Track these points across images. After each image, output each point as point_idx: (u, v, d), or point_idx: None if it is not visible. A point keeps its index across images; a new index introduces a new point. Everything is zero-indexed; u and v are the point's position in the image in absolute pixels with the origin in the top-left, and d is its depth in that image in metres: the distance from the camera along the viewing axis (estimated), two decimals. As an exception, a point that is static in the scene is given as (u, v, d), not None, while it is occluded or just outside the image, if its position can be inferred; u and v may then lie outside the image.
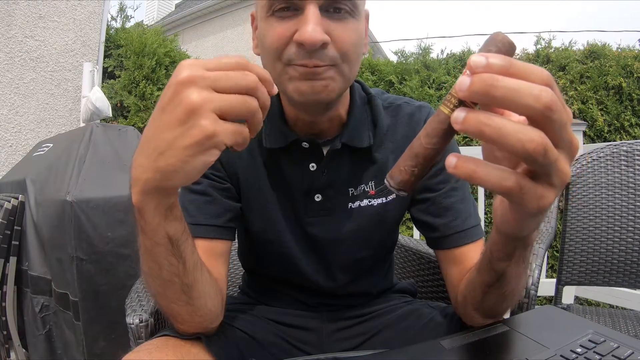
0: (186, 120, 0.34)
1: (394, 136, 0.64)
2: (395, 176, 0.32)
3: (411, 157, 0.31)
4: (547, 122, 0.26)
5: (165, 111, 0.35)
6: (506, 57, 0.26)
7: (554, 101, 0.26)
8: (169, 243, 0.43)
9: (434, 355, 0.42)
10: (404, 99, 0.67)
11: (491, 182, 0.27)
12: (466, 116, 0.26)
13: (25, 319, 1.41)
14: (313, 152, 0.61)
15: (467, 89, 0.26)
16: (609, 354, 0.38)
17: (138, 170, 0.38)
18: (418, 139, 0.31)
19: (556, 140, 0.27)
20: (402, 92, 2.91)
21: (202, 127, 0.34)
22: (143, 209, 0.40)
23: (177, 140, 0.34)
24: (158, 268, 0.45)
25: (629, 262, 1.01)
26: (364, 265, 0.68)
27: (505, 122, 0.26)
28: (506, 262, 0.43)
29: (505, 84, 0.25)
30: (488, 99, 0.26)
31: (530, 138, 0.25)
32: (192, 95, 0.34)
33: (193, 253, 0.47)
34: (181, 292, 0.47)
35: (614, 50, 2.91)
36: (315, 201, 0.62)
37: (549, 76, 0.27)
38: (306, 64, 0.49)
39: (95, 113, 1.98)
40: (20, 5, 2.23)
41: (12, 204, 1.34)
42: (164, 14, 9.15)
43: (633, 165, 1.04)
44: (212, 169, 0.61)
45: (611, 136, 2.72)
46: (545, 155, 0.26)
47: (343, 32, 0.50)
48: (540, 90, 0.25)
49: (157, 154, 0.36)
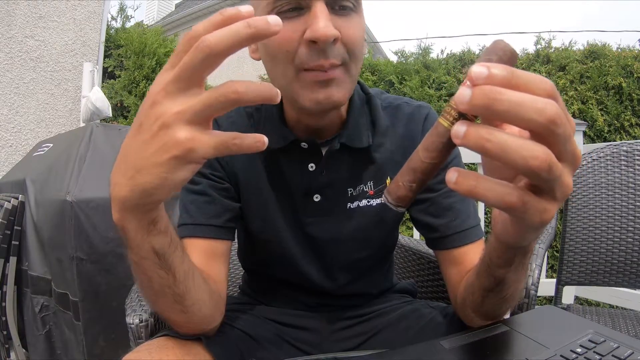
0: (162, 135, 0.31)
1: (394, 136, 0.64)
2: (393, 192, 0.31)
3: (409, 172, 0.30)
4: (551, 136, 0.25)
5: (141, 126, 0.33)
6: (508, 67, 0.25)
7: (558, 115, 0.25)
8: (156, 257, 0.42)
9: (434, 355, 0.42)
10: (403, 99, 0.67)
11: (493, 198, 0.27)
12: (467, 131, 0.25)
13: (25, 319, 1.41)
14: (312, 152, 0.61)
15: (469, 102, 0.25)
16: (609, 354, 0.38)
17: (116, 189, 0.36)
18: (416, 153, 0.30)
19: (560, 153, 0.26)
20: (402, 92, 2.91)
21: (178, 142, 0.31)
22: (125, 227, 0.38)
23: (153, 157, 0.32)
24: (148, 280, 0.44)
25: (629, 262, 1.01)
26: (364, 265, 0.68)
27: (508, 137, 0.25)
28: (505, 269, 0.43)
29: (509, 97, 0.24)
30: (490, 112, 0.25)
31: (534, 155, 0.25)
32: (165, 109, 0.31)
33: (182, 263, 0.46)
34: (174, 301, 0.47)
35: (614, 50, 2.91)
36: (314, 201, 0.62)
37: (553, 87, 0.26)
38: (322, 64, 0.49)
39: (95, 113, 1.98)
40: (20, 5, 2.23)
41: (12, 204, 1.34)
42: (164, 14, 9.16)
43: (633, 165, 1.04)
44: (211, 169, 0.61)
45: (611, 136, 2.72)
46: (550, 171, 0.25)
47: (350, 29, 0.50)
48: (544, 103, 0.25)
49: (134, 172, 0.34)
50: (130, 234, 0.39)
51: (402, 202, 0.31)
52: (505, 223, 0.35)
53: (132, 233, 0.39)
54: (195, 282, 0.48)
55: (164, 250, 0.42)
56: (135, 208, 0.37)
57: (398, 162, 0.63)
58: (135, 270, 0.44)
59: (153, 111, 0.32)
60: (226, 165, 0.62)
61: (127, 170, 0.35)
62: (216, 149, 0.32)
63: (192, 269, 0.48)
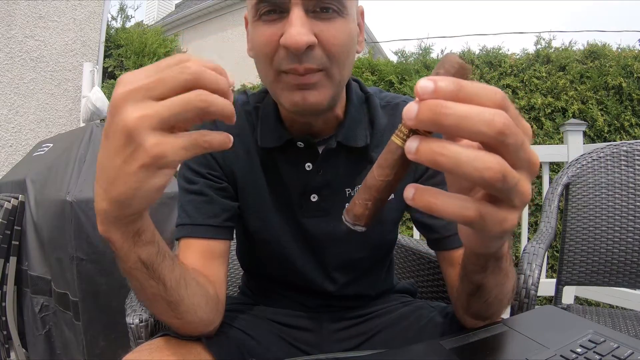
0: (128, 144, 0.30)
1: (392, 135, 0.63)
2: (350, 210, 0.31)
3: (365, 190, 0.30)
4: (502, 147, 0.25)
5: (108, 137, 0.32)
6: (455, 79, 0.25)
7: (507, 125, 0.24)
8: (144, 267, 0.42)
9: (434, 355, 0.42)
10: (402, 98, 0.67)
11: (451, 213, 0.26)
12: (419, 146, 0.25)
13: (25, 319, 1.41)
14: (308, 151, 0.61)
15: (415, 117, 0.24)
16: (609, 354, 0.38)
17: (97, 201, 0.36)
18: (371, 171, 0.30)
19: (514, 162, 0.26)
20: (402, 92, 2.91)
21: (145, 149, 0.30)
22: (110, 238, 0.38)
23: (123, 167, 0.31)
24: (140, 287, 0.45)
25: (629, 262, 1.01)
26: (363, 265, 0.68)
27: (461, 150, 0.25)
28: (481, 275, 0.43)
29: (454, 110, 0.24)
30: (437, 127, 0.24)
31: (487, 166, 0.24)
32: (128, 115, 0.30)
33: (173, 271, 0.45)
34: (168, 308, 0.47)
35: (614, 50, 2.90)
36: (311, 201, 0.62)
37: (503, 96, 0.25)
38: (296, 69, 0.49)
39: (95, 113, 1.98)
40: (20, 5, 2.23)
41: (12, 204, 1.34)
42: (164, 14, 9.16)
43: (633, 165, 1.04)
44: (209, 169, 0.61)
45: (611, 136, 2.72)
46: (505, 180, 0.25)
47: (330, 33, 0.49)
48: (492, 114, 0.24)
49: (108, 184, 0.33)
50: (117, 245, 0.39)
51: (359, 221, 0.30)
52: (467, 233, 0.34)
53: (118, 244, 0.39)
54: (189, 289, 0.48)
55: (152, 260, 0.42)
56: (116, 220, 0.36)
57: None
58: (128, 277, 0.44)
59: (116, 120, 0.31)
60: (224, 164, 0.62)
61: (102, 182, 0.34)
62: (187, 149, 0.31)
63: (184, 277, 0.48)
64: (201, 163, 0.61)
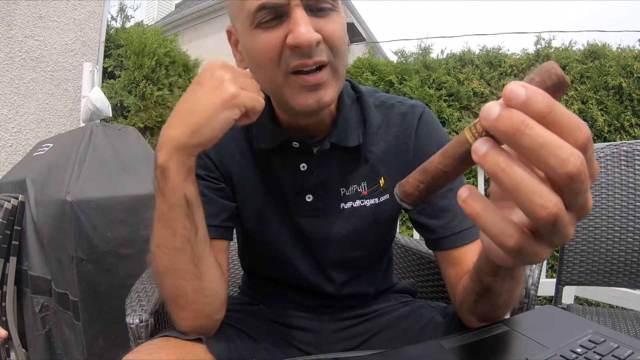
0: (218, 87, 0.45)
1: (387, 135, 0.63)
2: (402, 186, 0.30)
3: (421, 172, 0.29)
4: (565, 189, 0.24)
5: (202, 83, 0.47)
6: (550, 99, 0.23)
7: (579, 171, 0.23)
8: (186, 204, 0.47)
9: (434, 355, 0.42)
10: (397, 98, 0.67)
11: (492, 232, 0.26)
12: (487, 152, 0.24)
13: (25, 319, 1.40)
14: (303, 152, 0.61)
15: (492, 122, 0.23)
16: (609, 354, 0.38)
17: (169, 129, 0.46)
18: (434, 156, 0.29)
19: (569, 204, 0.25)
20: (402, 92, 2.91)
21: (229, 90, 0.45)
22: (167, 168, 0.45)
23: (208, 100, 0.45)
24: (172, 234, 0.47)
25: (629, 262, 1.01)
26: (360, 264, 0.68)
27: (525, 177, 0.23)
28: (492, 277, 0.43)
29: (534, 134, 0.22)
30: (510, 142, 0.23)
31: (544, 204, 0.23)
32: (225, 74, 0.46)
33: (204, 225, 0.50)
34: (191, 262, 0.49)
35: (614, 50, 2.90)
36: (306, 201, 0.62)
37: (587, 137, 0.24)
38: (307, 63, 0.49)
39: (95, 113, 1.98)
40: (20, 5, 2.23)
41: (12, 204, 1.34)
42: (164, 14, 9.16)
43: (633, 165, 1.04)
44: (207, 170, 0.61)
45: (611, 136, 2.72)
46: (555, 223, 0.24)
47: (330, 28, 0.51)
48: (569, 154, 0.23)
49: (189, 113, 0.46)
50: (170, 176, 0.46)
51: (407, 199, 0.30)
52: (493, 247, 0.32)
53: (172, 175, 0.46)
54: (211, 253, 0.52)
55: (193, 200, 0.48)
56: (181, 148, 0.45)
57: (392, 163, 0.62)
58: (160, 225, 0.48)
59: (216, 74, 0.47)
60: (221, 166, 0.63)
61: (183, 114, 0.46)
62: (252, 100, 0.47)
63: (208, 239, 0.52)
64: (199, 165, 0.61)
